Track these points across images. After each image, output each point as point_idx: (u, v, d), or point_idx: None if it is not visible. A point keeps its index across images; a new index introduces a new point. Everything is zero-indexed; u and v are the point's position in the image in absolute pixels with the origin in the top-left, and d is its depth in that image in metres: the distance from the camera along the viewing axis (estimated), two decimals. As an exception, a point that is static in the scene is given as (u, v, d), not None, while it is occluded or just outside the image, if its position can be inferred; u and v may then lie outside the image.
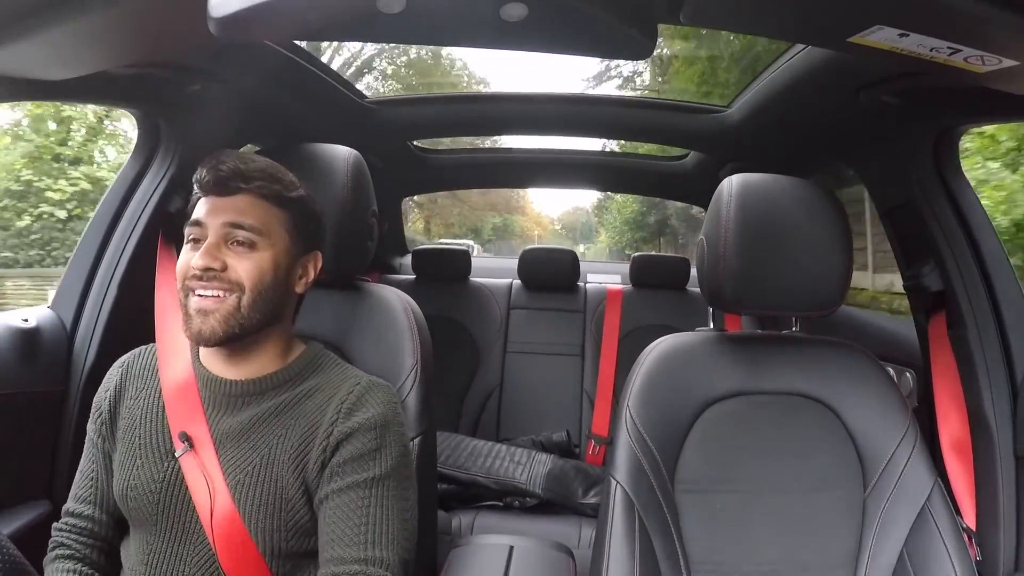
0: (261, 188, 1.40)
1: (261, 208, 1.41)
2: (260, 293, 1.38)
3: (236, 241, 1.38)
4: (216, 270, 1.35)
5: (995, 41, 1.13)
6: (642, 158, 4.05)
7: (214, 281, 1.35)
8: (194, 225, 1.39)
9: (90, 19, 1.21)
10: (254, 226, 1.39)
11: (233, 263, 1.36)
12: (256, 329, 1.41)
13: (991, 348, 1.88)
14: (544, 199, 38.72)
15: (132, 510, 1.39)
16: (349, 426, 1.37)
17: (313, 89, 2.31)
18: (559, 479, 2.84)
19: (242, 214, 1.38)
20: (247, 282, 1.37)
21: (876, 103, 1.83)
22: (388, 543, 1.32)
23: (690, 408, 1.62)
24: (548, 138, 3.82)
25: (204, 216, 1.38)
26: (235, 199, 1.39)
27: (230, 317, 1.36)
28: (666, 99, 2.94)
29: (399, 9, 1.02)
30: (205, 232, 1.38)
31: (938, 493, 1.55)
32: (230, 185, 1.38)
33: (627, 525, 1.49)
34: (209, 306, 1.34)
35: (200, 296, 1.35)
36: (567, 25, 1.08)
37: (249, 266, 1.37)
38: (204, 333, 1.35)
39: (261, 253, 1.39)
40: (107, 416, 1.47)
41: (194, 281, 1.35)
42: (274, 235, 1.42)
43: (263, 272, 1.39)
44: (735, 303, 1.66)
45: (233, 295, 1.35)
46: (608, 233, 31.40)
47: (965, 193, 1.98)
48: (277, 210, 1.43)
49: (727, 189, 1.65)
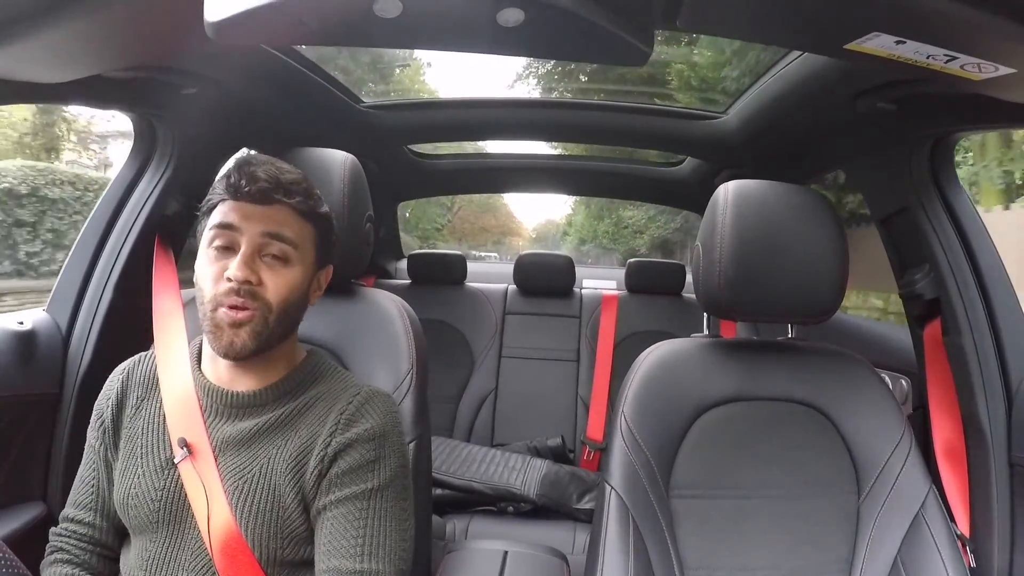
0: (299, 204, 1.39)
1: (297, 222, 1.40)
2: (286, 311, 1.38)
3: (271, 254, 1.36)
4: (252, 283, 1.33)
5: (992, 49, 1.14)
6: (639, 164, 4.05)
7: (248, 297, 1.33)
8: (225, 228, 1.36)
9: (86, 22, 1.21)
10: (292, 239, 1.38)
11: (267, 278, 1.35)
12: (278, 343, 1.41)
13: (986, 355, 1.88)
14: (522, 215, 40.10)
15: (132, 518, 1.38)
16: (348, 437, 1.36)
17: (309, 93, 2.31)
18: (554, 484, 2.84)
19: (280, 225, 1.37)
20: (275, 301, 1.35)
21: (872, 110, 1.84)
22: (385, 555, 1.31)
23: (685, 414, 1.62)
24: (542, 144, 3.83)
25: (239, 221, 1.35)
26: (272, 209, 1.37)
27: (261, 332, 1.34)
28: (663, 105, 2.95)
29: (395, 14, 1.02)
30: (238, 240, 1.35)
31: (932, 500, 1.55)
32: (271, 195, 1.36)
33: (622, 531, 1.49)
34: (243, 318, 1.33)
35: (234, 309, 1.32)
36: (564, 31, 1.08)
37: (281, 284, 1.36)
38: (236, 346, 1.33)
39: (293, 268, 1.39)
40: (110, 425, 1.46)
41: (230, 296, 1.32)
42: (304, 250, 1.42)
43: (292, 291, 1.38)
44: (730, 309, 1.66)
45: (259, 312, 1.34)
46: (571, 238, 33.23)
47: (961, 200, 1.99)
48: (308, 225, 1.43)
49: (723, 195, 1.65)
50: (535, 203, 56.03)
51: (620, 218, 27.47)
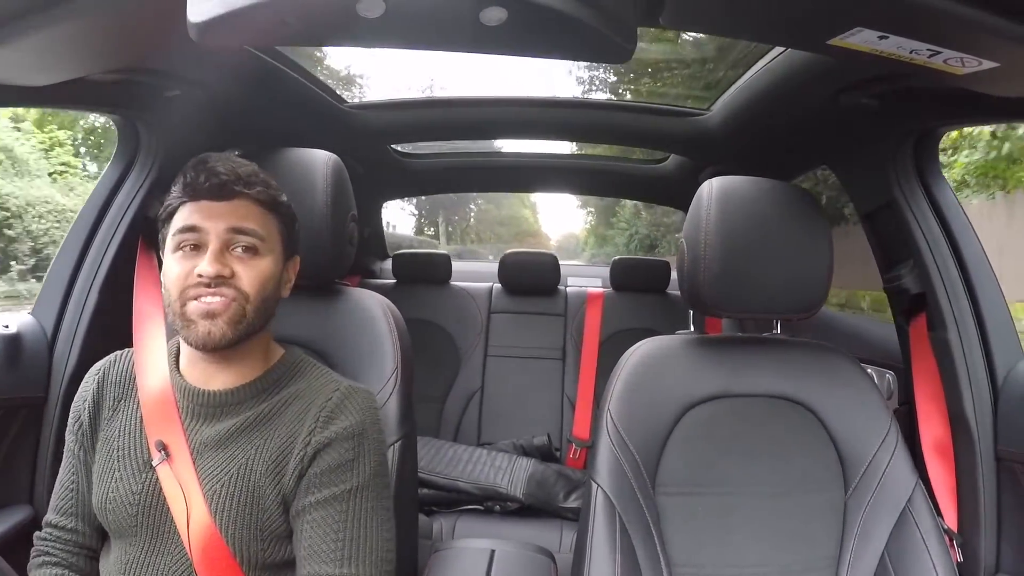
0: (260, 194, 1.39)
1: (260, 214, 1.39)
2: (263, 300, 1.38)
3: (241, 247, 1.36)
4: (226, 277, 1.33)
5: (975, 43, 1.14)
6: (623, 161, 4.05)
7: (223, 287, 1.32)
8: (188, 231, 1.34)
9: (70, 25, 1.21)
10: (257, 231, 1.38)
11: (239, 270, 1.35)
12: (255, 333, 1.40)
13: (972, 349, 1.88)
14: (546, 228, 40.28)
15: (111, 522, 1.37)
16: (327, 436, 1.35)
17: (293, 93, 2.31)
18: (540, 483, 2.84)
19: (244, 219, 1.36)
20: (251, 291, 1.35)
21: (856, 105, 1.84)
22: (366, 558, 1.31)
23: (671, 411, 1.62)
24: (528, 142, 3.82)
25: (202, 221, 1.34)
26: (234, 204, 1.37)
27: (238, 321, 1.34)
28: (646, 103, 2.94)
29: (378, 13, 1.02)
30: (204, 238, 1.34)
31: (919, 494, 1.56)
32: (231, 188, 1.36)
33: (608, 529, 1.49)
34: (217, 307, 1.32)
35: (207, 300, 1.32)
36: (546, 29, 1.08)
37: (254, 274, 1.36)
38: (214, 335, 1.32)
39: (263, 259, 1.39)
40: (87, 427, 1.45)
41: (200, 289, 1.32)
42: (271, 241, 1.41)
43: (265, 280, 1.38)
44: (715, 306, 1.66)
45: (236, 303, 1.33)
46: (590, 248, 33.39)
47: (945, 194, 1.99)
48: (271, 216, 1.42)
49: (707, 192, 1.65)
50: (556, 216, 56.65)
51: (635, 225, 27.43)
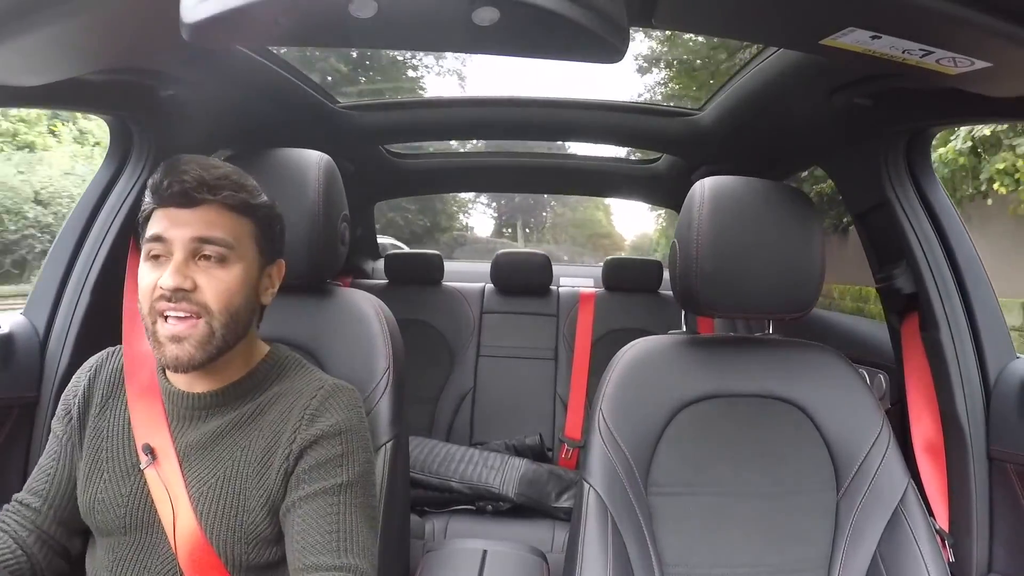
0: (228, 198, 1.34)
1: (229, 219, 1.35)
2: (231, 315, 1.34)
3: (204, 256, 1.32)
4: (186, 290, 1.29)
5: (967, 43, 1.14)
6: (616, 161, 4.05)
7: (183, 302, 1.29)
8: (155, 241, 1.32)
9: (62, 25, 1.20)
10: (224, 240, 1.33)
11: (203, 282, 1.31)
12: (230, 348, 1.37)
13: (964, 350, 1.89)
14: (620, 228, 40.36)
15: (99, 522, 1.37)
16: (312, 433, 1.35)
17: (285, 94, 2.30)
18: (532, 483, 2.84)
19: (210, 227, 1.32)
20: (215, 305, 1.31)
21: (848, 105, 1.84)
22: (360, 551, 1.31)
23: (663, 411, 1.62)
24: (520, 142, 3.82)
25: (167, 230, 1.31)
26: (201, 211, 1.32)
27: (206, 343, 1.31)
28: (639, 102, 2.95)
29: (371, 14, 1.02)
30: (170, 248, 1.31)
31: (911, 495, 1.56)
32: (195, 196, 1.31)
33: (600, 528, 1.49)
34: (182, 332, 1.29)
35: (172, 322, 1.29)
36: (539, 29, 1.08)
37: (219, 287, 1.32)
38: (182, 359, 1.29)
39: (231, 268, 1.35)
40: (76, 422, 1.45)
41: (162, 303, 1.29)
42: (243, 247, 1.37)
43: (232, 293, 1.34)
44: (708, 306, 1.66)
45: (202, 319, 1.31)
46: (662, 249, 33.93)
47: (937, 194, 2.00)
48: (244, 220, 1.38)
49: (699, 192, 1.65)
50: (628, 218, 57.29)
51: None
